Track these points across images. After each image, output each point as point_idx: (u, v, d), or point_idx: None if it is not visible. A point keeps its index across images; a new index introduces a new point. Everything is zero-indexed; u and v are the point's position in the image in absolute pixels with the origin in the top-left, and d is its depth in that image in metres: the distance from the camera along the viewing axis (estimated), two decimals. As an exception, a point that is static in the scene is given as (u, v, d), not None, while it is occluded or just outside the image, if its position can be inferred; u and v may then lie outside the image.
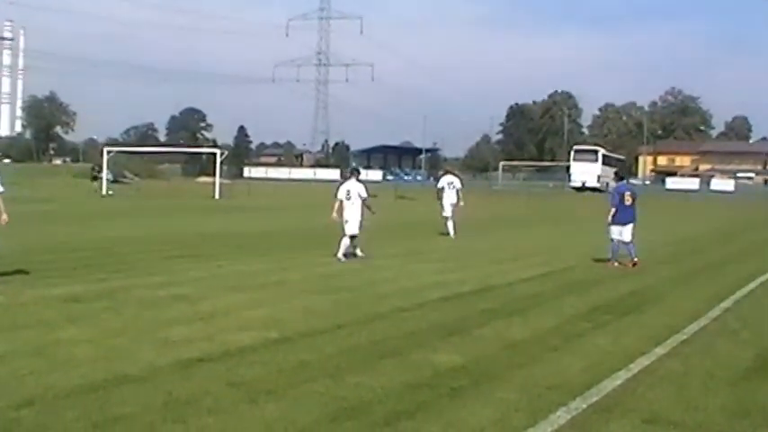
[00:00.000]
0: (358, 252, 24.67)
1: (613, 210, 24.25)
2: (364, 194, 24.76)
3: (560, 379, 10.60)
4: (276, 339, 12.62)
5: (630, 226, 24.24)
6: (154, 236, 31.15)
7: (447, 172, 37.51)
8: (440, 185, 34.92)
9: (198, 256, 24.01)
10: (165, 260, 22.70)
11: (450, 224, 33.60)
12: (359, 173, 25.92)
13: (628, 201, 24.23)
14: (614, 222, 24.30)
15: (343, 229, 24.56)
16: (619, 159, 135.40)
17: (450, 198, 34.18)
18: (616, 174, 27.85)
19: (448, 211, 33.86)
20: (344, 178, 27.08)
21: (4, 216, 18.04)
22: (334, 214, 24.65)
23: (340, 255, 24.16)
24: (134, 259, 22.75)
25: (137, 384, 9.77)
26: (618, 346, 12.96)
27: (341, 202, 24.59)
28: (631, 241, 24.15)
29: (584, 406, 9.40)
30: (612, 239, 24.36)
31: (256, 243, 29.19)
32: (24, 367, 10.33)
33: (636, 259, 23.74)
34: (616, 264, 23.81)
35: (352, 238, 24.57)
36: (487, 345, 12.79)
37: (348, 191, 24.68)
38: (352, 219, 24.42)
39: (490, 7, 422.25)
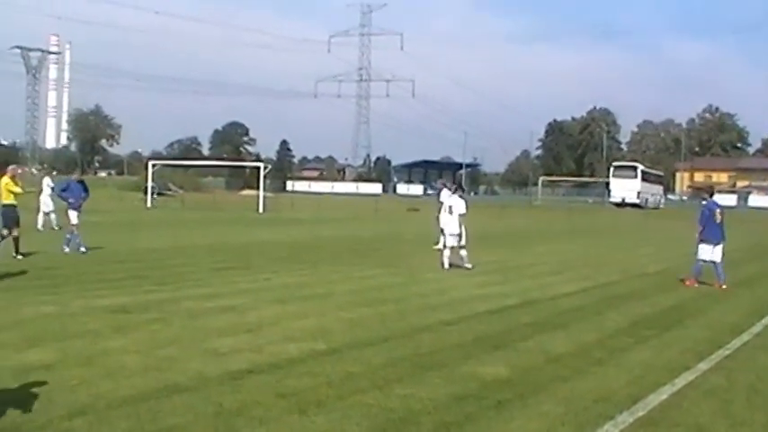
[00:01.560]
0: (467, 264, 25.49)
1: (701, 228, 23.07)
2: (462, 211, 25.96)
3: (605, 392, 10.55)
4: (324, 351, 12.63)
5: (721, 246, 23.00)
6: (200, 247, 31.25)
7: (445, 185, 38.10)
8: (442, 198, 35.04)
9: (244, 267, 24.09)
10: (212, 272, 22.77)
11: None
12: (463, 189, 27.43)
13: (718, 218, 22.98)
14: (705, 241, 23.00)
15: (445, 242, 25.84)
16: (658, 175, 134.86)
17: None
18: (706, 190, 26.86)
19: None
20: (437, 191, 28.04)
21: None
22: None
23: (446, 265, 25.36)
24: (181, 271, 22.83)
25: (187, 394, 9.78)
26: (661, 360, 12.89)
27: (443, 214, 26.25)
28: (721, 261, 22.99)
29: (631, 420, 9.34)
30: (700, 260, 23.08)
31: (301, 255, 29.22)
32: (75, 377, 10.37)
33: (724, 285, 22.44)
34: (696, 284, 22.68)
35: (461, 248, 25.65)
36: (532, 358, 12.75)
37: (450, 206, 26.03)
38: (454, 231, 25.62)
39: (528, 24, 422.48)
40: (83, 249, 26.79)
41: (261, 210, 70.00)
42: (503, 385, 10.80)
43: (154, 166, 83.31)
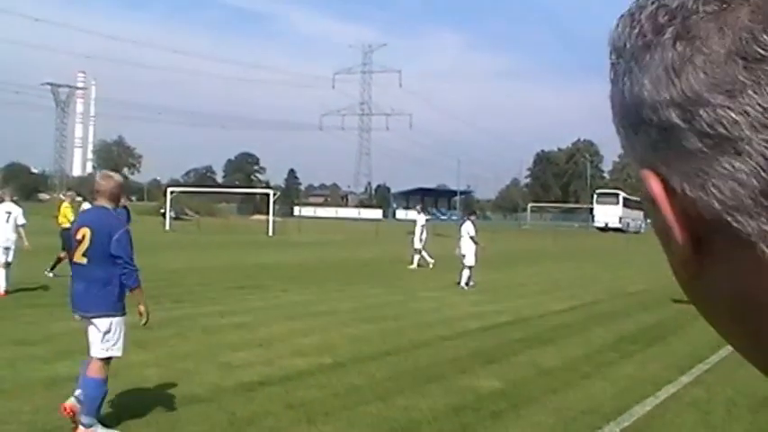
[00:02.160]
0: (462, 283, 26.02)
1: None
2: (472, 233, 26.73)
3: (593, 404, 10.49)
4: (330, 365, 12.59)
5: None
6: (214, 268, 31.15)
7: (422, 210, 38.55)
8: (421, 222, 35.25)
9: (255, 287, 24.01)
10: (226, 290, 22.70)
11: (425, 254, 34.26)
12: (474, 214, 28.69)
13: None
14: None
15: (461, 262, 26.28)
16: (638, 202, 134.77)
17: (425, 233, 35.10)
18: None
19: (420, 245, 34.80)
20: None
21: (27, 244, 20.72)
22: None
23: (462, 284, 25.96)
24: (197, 289, 22.76)
25: (203, 405, 9.75)
26: (645, 373, 12.83)
27: (460, 238, 26.89)
28: None
29: (618, 430, 9.30)
30: None
31: (308, 275, 29.13)
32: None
33: None
34: None
35: (464, 267, 26.12)
36: (524, 371, 12.71)
37: (465, 230, 26.85)
38: (467, 252, 26.29)
39: (516, 61, 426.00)
40: None
41: (270, 233, 69.88)
42: (497, 397, 10.75)
43: (172, 192, 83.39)
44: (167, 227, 72.04)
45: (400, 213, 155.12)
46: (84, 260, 8.76)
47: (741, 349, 0.79)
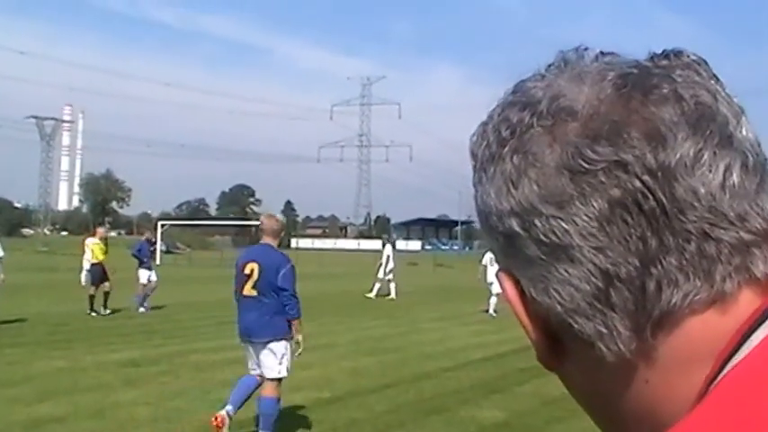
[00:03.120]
0: (491, 311, 26.53)
1: None
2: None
3: (601, 433, 10.49)
4: (328, 399, 12.60)
5: None
6: (207, 302, 31.08)
7: (388, 240, 39.35)
8: (387, 253, 35.58)
9: (249, 321, 23.99)
10: (219, 325, 22.61)
11: (393, 285, 34.80)
12: None
13: None
14: None
15: (489, 291, 26.45)
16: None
17: (391, 264, 35.59)
18: None
19: (391, 275, 35.28)
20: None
21: (2, 276, 20.90)
22: (479, 276, 27.42)
23: (491, 311, 26.58)
24: (189, 325, 22.74)
25: (196, 443, 9.75)
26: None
27: (485, 266, 26.96)
28: None
29: (626, 459, 9.29)
30: None
31: (305, 308, 28.85)
32: (87, 429, 10.33)
33: None
34: None
35: (497, 295, 26.25)
36: (528, 401, 12.73)
37: (491, 258, 26.32)
38: (494, 280, 25.96)
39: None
40: (141, 309, 26.74)
41: (266, 266, 69.85)
42: (500, 428, 10.78)
43: (163, 225, 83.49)
44: (158, 261, 72.00)
45: (400, 244, 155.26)
46: (255, 292, 10.39)
47: (600, 427, 0.93)
